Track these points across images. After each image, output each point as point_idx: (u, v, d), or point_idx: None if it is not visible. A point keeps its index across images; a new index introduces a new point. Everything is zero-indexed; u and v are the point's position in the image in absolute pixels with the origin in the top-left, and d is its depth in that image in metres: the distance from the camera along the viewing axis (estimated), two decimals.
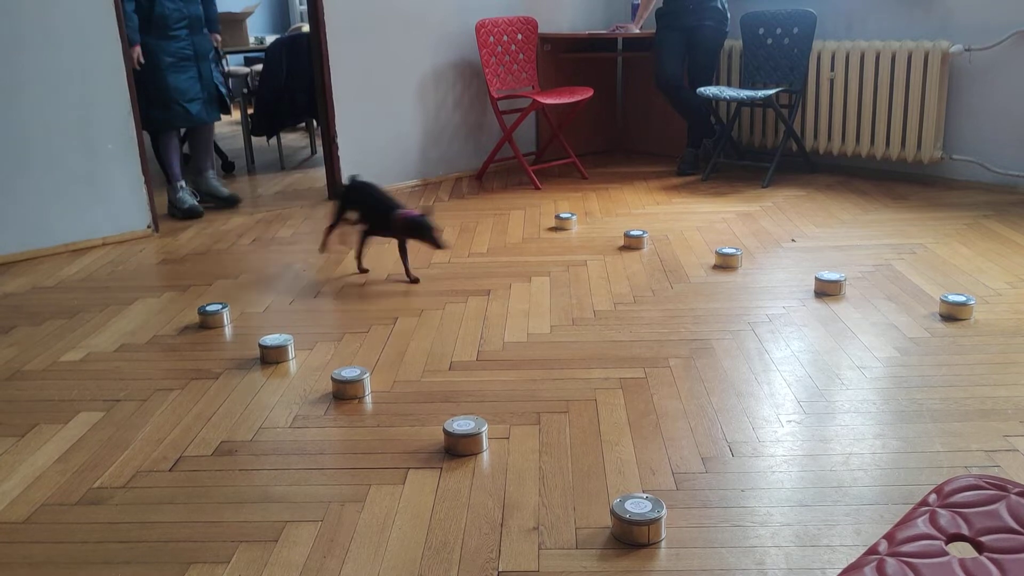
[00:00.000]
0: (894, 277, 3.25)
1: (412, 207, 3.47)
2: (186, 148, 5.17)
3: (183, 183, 4.63)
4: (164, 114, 4.41)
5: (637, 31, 5.36)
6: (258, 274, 3.59)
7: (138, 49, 4.20)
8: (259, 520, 1.86)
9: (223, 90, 4.62)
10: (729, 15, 5.08)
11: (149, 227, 4.24)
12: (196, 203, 4.58)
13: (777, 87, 4.90)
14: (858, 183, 4.80)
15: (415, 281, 3.39)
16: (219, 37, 4.71)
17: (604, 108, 5.93)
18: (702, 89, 4.93)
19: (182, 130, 4.87)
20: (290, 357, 2.72)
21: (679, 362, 2.58)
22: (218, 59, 4.68)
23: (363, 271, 3.52)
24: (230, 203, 4.75)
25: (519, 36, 5.27)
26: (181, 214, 4.53)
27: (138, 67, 4.18)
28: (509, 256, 3.72)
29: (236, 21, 6.35)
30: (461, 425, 2.13)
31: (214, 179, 4.80)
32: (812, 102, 5.04)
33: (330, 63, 4.70)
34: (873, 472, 1.97)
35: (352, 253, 3.60)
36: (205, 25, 4.51)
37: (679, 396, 2.36)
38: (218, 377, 2.61)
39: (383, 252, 3.83)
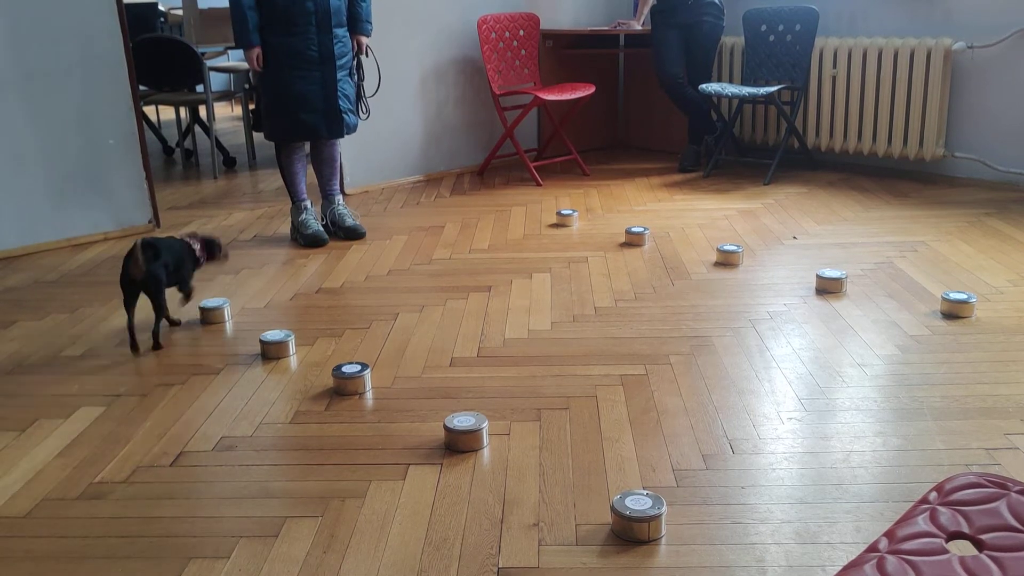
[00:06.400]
0: (895, 275, 3.25)
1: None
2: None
3: (308, 204, 4.00)
4: (282, 123, 3.81)
5: (639, 27, 5.35)
6: (259, 270, 3.59)
7: (257, 51, 3.67)
8: (259, 515, 1.86)
9: (344, 104, 3.84)
10: (725, 9, 5.08)
11: (150, 222, 4.24)
12: (321, 229, 3.96)
13: (779, 84, 4.89)
14: (860, 180, 4.79)
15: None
16: (364, 41, 3.91)
17: (606, 104, 5.93)
18: (704, 86, 4.93)
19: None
20: (291, 353, 2.72)
21: (680, 359, 2.58)
22: (358, 67, 3.94)
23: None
24: (354, 235, 4.00)
25: (521, 32, 5.26)
26: (304, 240, 3.91)
27: (258, 69, 3.72)
28: (510, 252, 3.71)
29: None
30: (462, 421, 2.13)
31: (341, 205, 4.08)
32: (814, 99, 5.03)
33: None
34: (874, 470, 1.96)
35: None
36: (346, 24, 3.82)
37: (680, 393, 2.36)
38: (219, 372, 2.61)
39: (384, 250, 3.83)
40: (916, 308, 2.91)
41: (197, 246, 3.02)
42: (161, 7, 7.27)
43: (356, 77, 3.94)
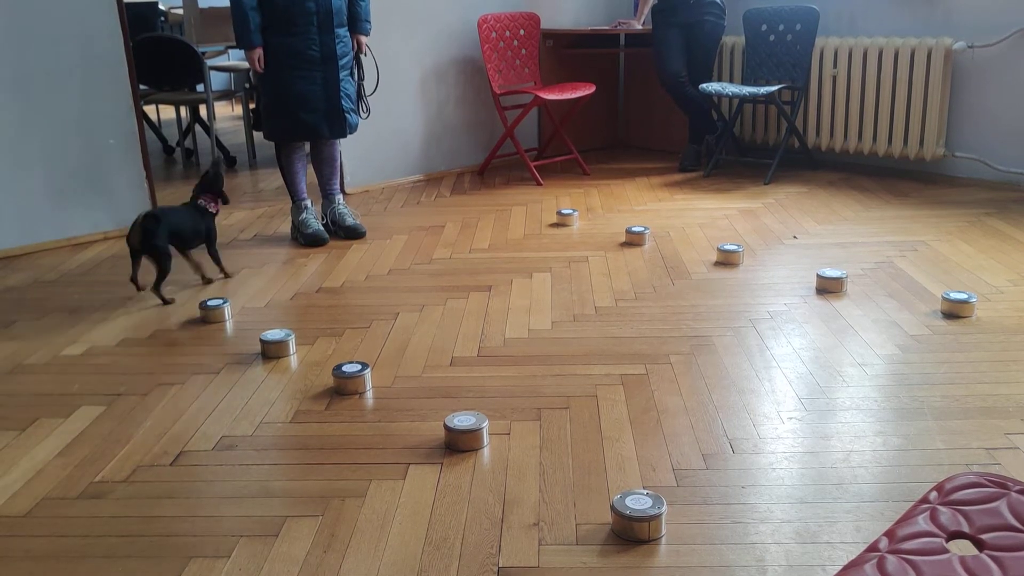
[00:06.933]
0: (896, 274, 3.25)
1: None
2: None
3: (308, 203, 4.00)
4: (282, 123, 3.79)
5: (639, 27, 5.35)
6: (259, 269, 3.59)
7: (259, 51, 3.65)
8: (259, 515, 1.86)
9: (346, 104, 3.83)
10: (726, 9, 5.08)
11: None
12: (321, 228, 3.96)
13: (779, 84, 4.89)
14: (860, 180, 4.79)
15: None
16: (363, 40, 3.91)
17: (606, 104, 5.93)
18: (705, 85, 4.93)
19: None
20: (291, 352, 2.72)
21: (680, 358, 2.58)
22: (357, 66, 3.93)
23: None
24: (354, 234, 4.00)
25: (521, 31, 5.26)
26: (304, 239, 3.92)
27: (260, 70, 3.69)
28: (510, 252, 3.71)
29: None
30: (462, 421, 2.13)
31: (341, 205, 4.07)
32: (814, 99, 5.03)
33: None
34: (874, 469, 1.96)
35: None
36: (347, 24, 3.81)
37: (680, 392, 2.36)
38: (219, 372, 2.61)
39: (384, 249, 3.83)
40: (916, 308, 2.91)
41: (209, 204, 3.38)
42: (161, 6, 7.27)
43: (356, 76, 3.94)
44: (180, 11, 6.96)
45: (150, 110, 6.61)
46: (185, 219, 3.29)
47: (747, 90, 4.79)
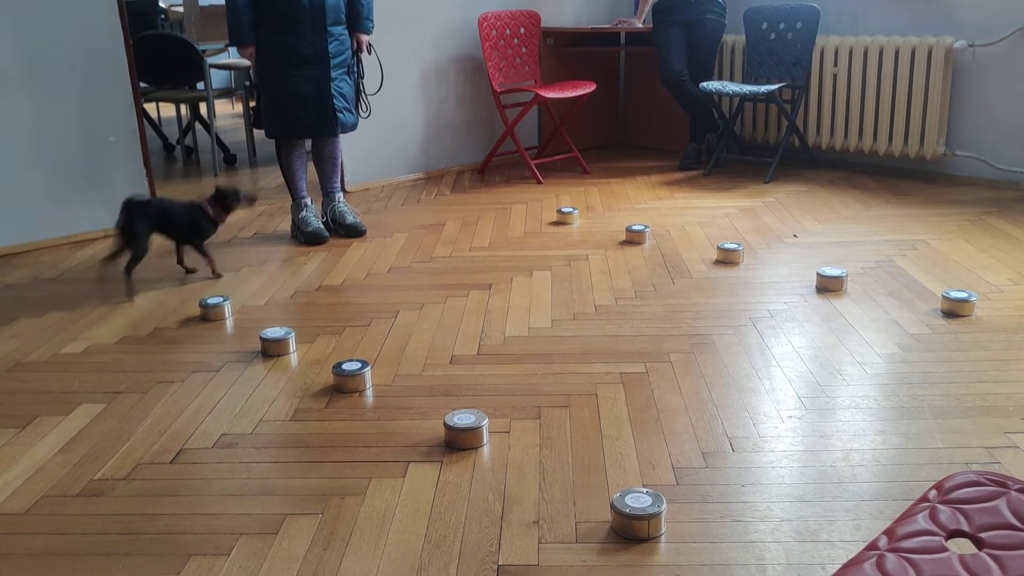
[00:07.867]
0: (896, 273, 3.25)
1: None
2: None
3: (308, 201, 3.99)
4: (279, 121, 3.82)
5: (640, 25, 5.35)
6: (260, 267, 3.59)
7: (251, 50, 3.68)
8: (260, 513, 1.87)
9: (339, 103, 3.81)
10: (727, 7, 5.08)
11: None
12: (321, 226, 3.95)
13: (780, 82, 4.89)
14: (860, 179, 4.79)
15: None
16: (364, 39, 3.90)
17: (606, 102, 5.93)
18: (705, 84, 4.93)
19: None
20: (291, 350, 2.72)
21: (680, 357, 2.58)
22: (357, 64, 3.92)
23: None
24: (354, 232, 3.98)
25: (522, 30, 5.26)
26: (304, 237, 3.91)
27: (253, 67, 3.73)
28: (510, 250, 3.71)
29: None
30: (462, 419, 2.13)
31: (341, 203, 4.06)
32: (815, 97, 5.03)
33: None
34: (873, 468, 1.97)
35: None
36: (344, 22, 3.81)
37: (680, 391, 2.36)
38: (219, 370, 2.61)
39: (385, 247, 3.83)
40: (916, 307, 2.91)
41: (208, 207, 3.41)
42: (162, 4, 7.26)
43: (355, 75, 3.93)
44: (180, 9, 6.96)
45: (150, 108, 6.60)
46: (179, 210, 3.39)
47: (748, 89, 4.79)
